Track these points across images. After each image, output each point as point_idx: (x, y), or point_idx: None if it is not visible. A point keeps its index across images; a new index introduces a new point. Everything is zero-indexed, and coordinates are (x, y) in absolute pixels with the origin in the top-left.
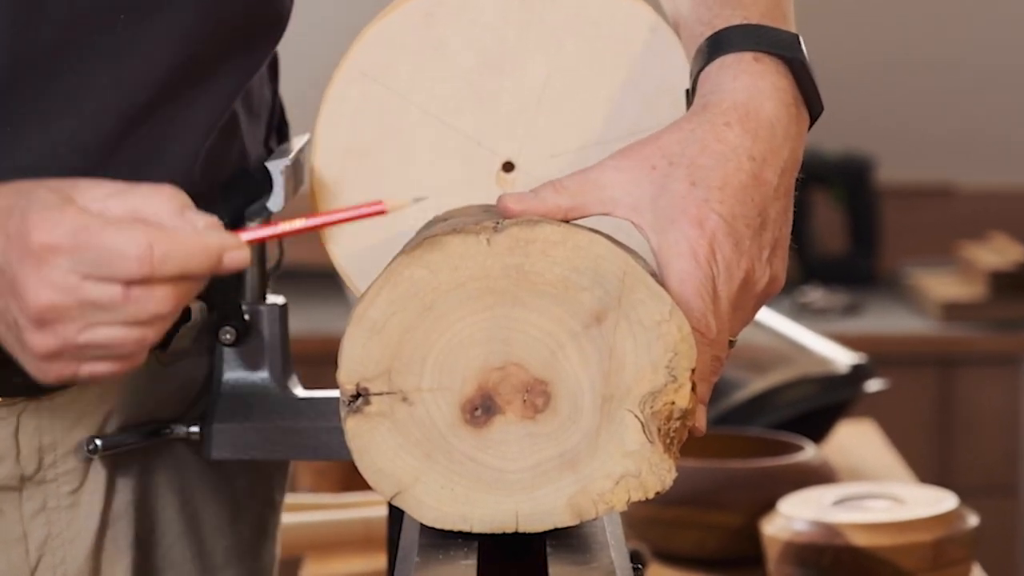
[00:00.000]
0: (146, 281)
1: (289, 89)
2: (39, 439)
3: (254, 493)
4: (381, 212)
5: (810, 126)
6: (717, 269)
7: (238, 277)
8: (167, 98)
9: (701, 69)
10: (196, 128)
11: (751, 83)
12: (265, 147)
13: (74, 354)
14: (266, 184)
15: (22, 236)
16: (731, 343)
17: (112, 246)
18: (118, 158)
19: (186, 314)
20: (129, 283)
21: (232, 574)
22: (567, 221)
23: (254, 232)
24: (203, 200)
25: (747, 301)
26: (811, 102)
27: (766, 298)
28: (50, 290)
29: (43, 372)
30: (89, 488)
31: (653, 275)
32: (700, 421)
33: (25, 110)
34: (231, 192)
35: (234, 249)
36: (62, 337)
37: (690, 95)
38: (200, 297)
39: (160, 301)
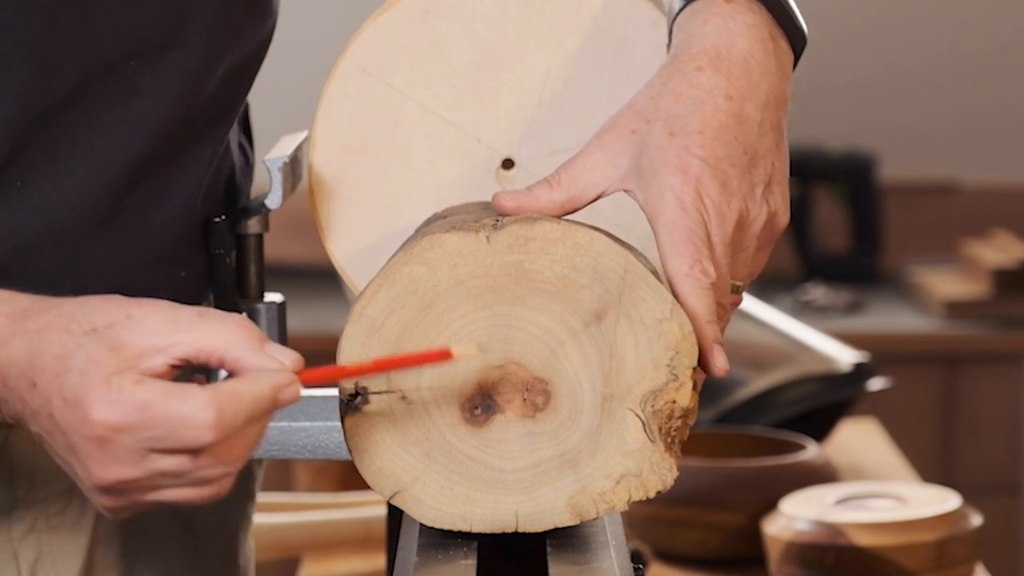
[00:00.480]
0: (216, 443)
1: (287, 85)
2: (33, 461)
3: (237, 488)
4: (448, 358)
5: (795, 62)
6: (707, 214)
7: (237, 275)
8: (175, 140)
9: (674, 20)
10: (200, 164)
11: (721, 24)
12: (238, 147)
13: (143, 507)
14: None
15: (80, 408)
16: (737, 288)
17: (180, 419)
18: (127, 202)
19: None
20: (197, 451)
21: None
22: (565, 216)
23: (315, 372)
24: (203, 223)
25: (747, 242)
26: (792, 37)
27: (772, 236)
28: (117, 466)
29: (111, 516)
30: (77, 504)
31: (654, 273)
32: (719, 360)
33: (38, 161)
34: (227, 197)
35: (287, 387)
36: (130, 499)
37: (669, 49)
38: (197, 298)
39: (228, 461)
